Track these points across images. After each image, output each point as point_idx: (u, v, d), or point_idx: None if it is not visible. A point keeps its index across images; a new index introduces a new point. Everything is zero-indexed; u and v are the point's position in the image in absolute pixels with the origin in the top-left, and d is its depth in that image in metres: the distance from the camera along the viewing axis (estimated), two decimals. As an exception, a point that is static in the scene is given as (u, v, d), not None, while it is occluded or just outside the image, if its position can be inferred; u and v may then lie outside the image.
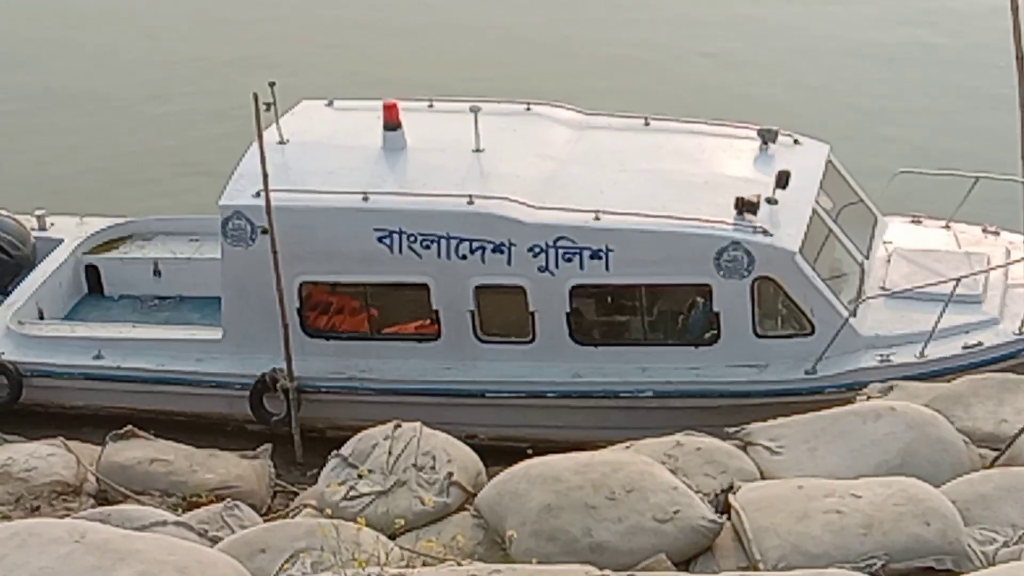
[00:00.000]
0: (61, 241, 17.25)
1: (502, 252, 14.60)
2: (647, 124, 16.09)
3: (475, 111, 15.27)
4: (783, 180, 14.64)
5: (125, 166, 21.29)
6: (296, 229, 14.74)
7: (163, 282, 17.04)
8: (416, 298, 14.94)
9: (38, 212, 17.58)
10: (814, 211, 14.94)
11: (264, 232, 14.62)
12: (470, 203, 14.64)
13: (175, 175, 20.79)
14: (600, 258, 14.47)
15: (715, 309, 14.48)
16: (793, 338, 14.51)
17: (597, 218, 14.49)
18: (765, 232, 14.36)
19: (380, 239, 14.76)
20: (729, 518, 10.07)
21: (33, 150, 21.92)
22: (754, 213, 14.44)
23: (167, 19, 26.17)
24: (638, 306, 14.78)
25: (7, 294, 16.50)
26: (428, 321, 15.02)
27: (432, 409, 14.15)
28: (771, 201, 14.62)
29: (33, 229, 17.31)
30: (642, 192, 14.85)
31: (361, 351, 15.14)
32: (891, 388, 12.54)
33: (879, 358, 14.32)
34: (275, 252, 14.50)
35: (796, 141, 15.79)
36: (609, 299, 14.87)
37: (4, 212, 17.15)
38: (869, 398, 12.31)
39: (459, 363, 14.96)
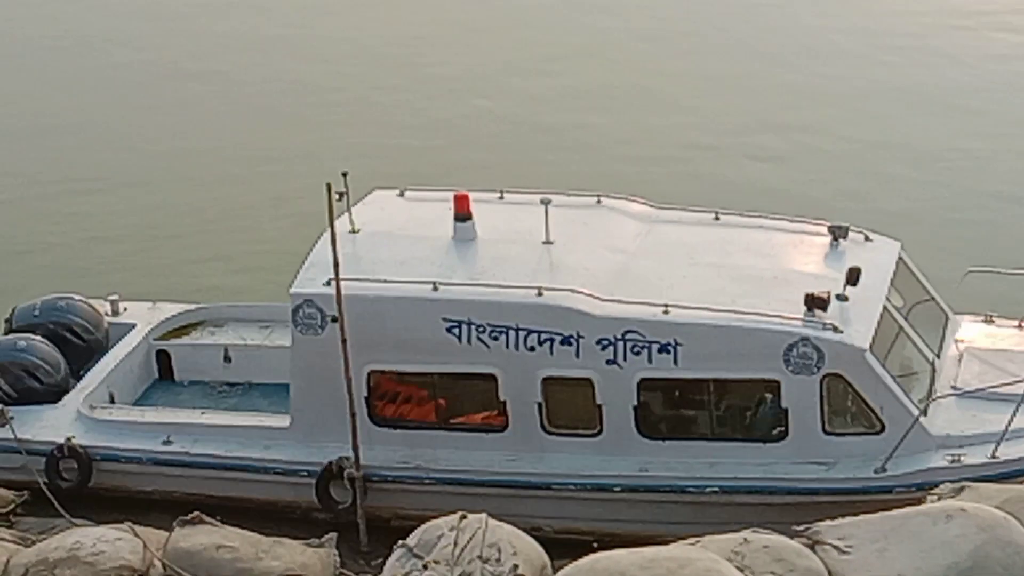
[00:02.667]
0: (133, 326, 17.42)
1: (570, 344, 14.60)
2: (717, 218, 16.11)
3: (545, 203, 15.34)
4: (854, 277, 14.60)
5: (198, 252, 21.51)
6: (366, 318, 14.81)
7: (233, 368, 17.17)
8: (484, 389, 14.94)
9: (111, 297, 17.78)
10: (885, 308, 14.87)
11: (334, 320, 14.71)
12: (539, 295, 14.67)
13: (248, 262, 20.98)
14: (668, 352, 14.44)
15: (783, 405, 14.40)
16: (862, 436, 14.38)
17: (666, 311, 14.48)
18: (835, 329, 14.29)
19: (449, 329, 14.81)
20: (796, 618, 9.98)
21: (108, 235, 22.21)
22: (824, 309, 14.38)
23: (241, 106, 26.51)
24: (706, 400, 14.72)
25: (79, 378, 16.66)
26: (495, 412, 15.01)
27: (498, 500, 14.11)
28: (841, 298, 14.56)
29: (106, 314, 17.48)
30: (711, 286, 14.84)
31: (428, 441, 15.14)
32: (962, 489, 12.40)
33: (950, 458, 14.16)
34: (344, 340, 14.58)
35: (867, 238, 15.75)
36: (677, 393, 14.82)
37: (78, 296, 17.35)
38: (939, 498, 12.18)
39: (526, 455, 14.92)
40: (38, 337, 16.61)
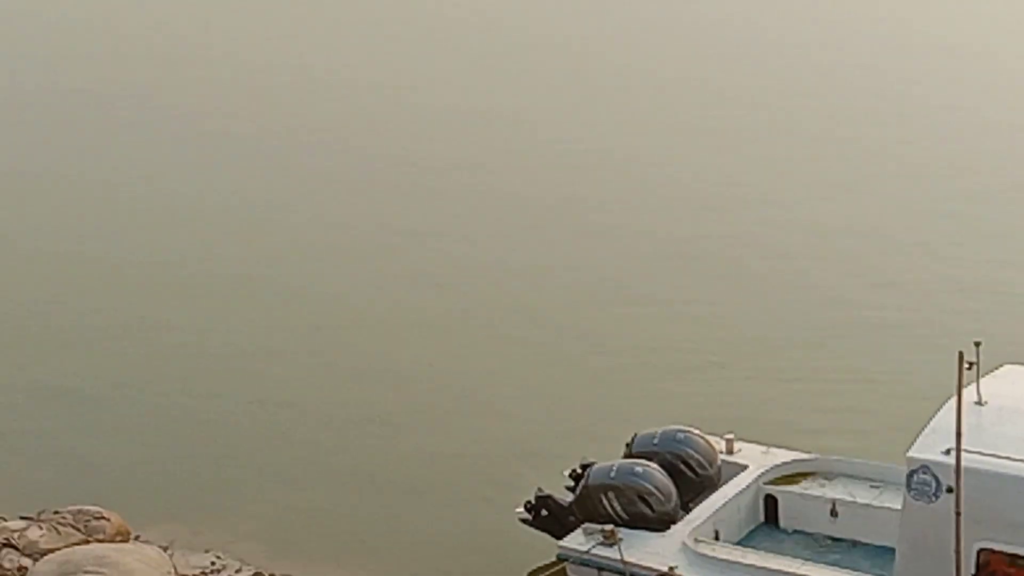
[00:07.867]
0: (745, 467, 17.72)
1: None
2: None
3: None
4: None
5: (815, 403, 21.55)
6: (982, 493, 14.46)
7: (839, 524, 17.10)
8: (1099, 584, 14.23)
9: (727, 436, 18.15)
10: None
11: (949, 491, 14.44)
12: None
13: (864, 419, 20.83)
14: None
15: None
16: None
17: None
18: None
19: (1069, 516, 14.22)
20: None
21: (731, 375, 22.58)
22: None
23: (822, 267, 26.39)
24: None
25: (687, 510, 17.05)
26: (1110, 611, 14.24)
27: None
28: None
29: (721, 451, 17.87)
30: None
31: (1029, 629, 14.53)
32: None
33: None
34: (958, 513, 14.24)
35: None
36: None
37: (697, 431, 17.80)
38: None
39: None
40: (654, 465, 17.16)
